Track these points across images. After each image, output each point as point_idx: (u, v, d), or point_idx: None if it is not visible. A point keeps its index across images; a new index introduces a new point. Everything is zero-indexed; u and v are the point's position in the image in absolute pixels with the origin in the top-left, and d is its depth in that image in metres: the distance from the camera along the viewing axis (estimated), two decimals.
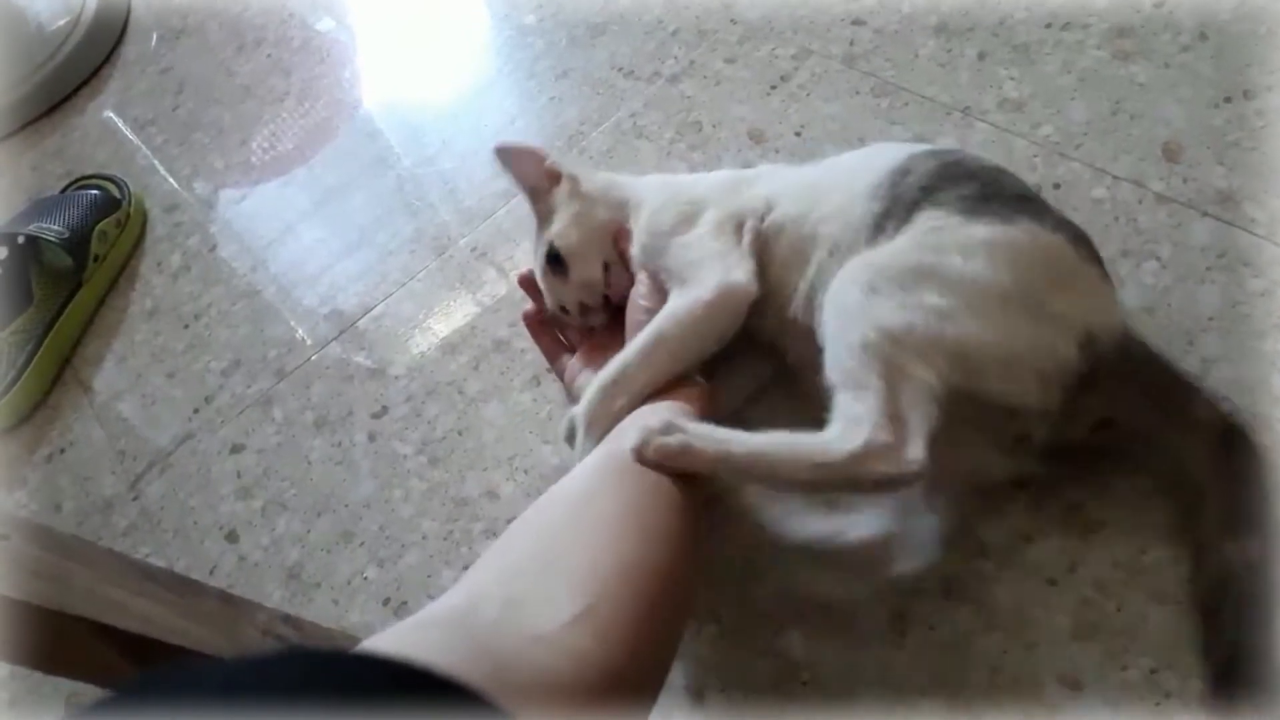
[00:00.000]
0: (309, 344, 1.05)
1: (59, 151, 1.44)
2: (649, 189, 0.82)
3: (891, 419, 0.57)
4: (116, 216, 1.22)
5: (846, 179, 0.72)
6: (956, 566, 0.68)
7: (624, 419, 0.68)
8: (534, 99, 1.19)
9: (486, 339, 0.96)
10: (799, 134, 1.00)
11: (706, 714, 0.67)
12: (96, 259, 1.18)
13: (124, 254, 1.23)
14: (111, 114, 1.48)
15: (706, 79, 1.10)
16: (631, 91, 1.13)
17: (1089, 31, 0.95)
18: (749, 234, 0.74)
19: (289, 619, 0.71)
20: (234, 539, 0.91)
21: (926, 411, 0.58)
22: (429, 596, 0.81)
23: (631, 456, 0.61)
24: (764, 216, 0.75)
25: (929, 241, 0.63)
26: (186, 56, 1.52)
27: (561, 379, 0.83)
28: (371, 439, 0.93)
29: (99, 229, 1.19)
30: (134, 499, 0.98)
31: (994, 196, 0.65)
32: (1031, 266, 0.61)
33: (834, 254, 0.69)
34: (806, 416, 0.61)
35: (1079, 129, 0.89)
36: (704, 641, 0.70)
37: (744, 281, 0.71)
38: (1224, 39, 0.89)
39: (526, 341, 0.92)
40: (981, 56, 0.98)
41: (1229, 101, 0.85)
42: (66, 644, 0.51)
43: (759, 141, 1.02)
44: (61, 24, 1.55)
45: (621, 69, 1.16)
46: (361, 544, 0.86)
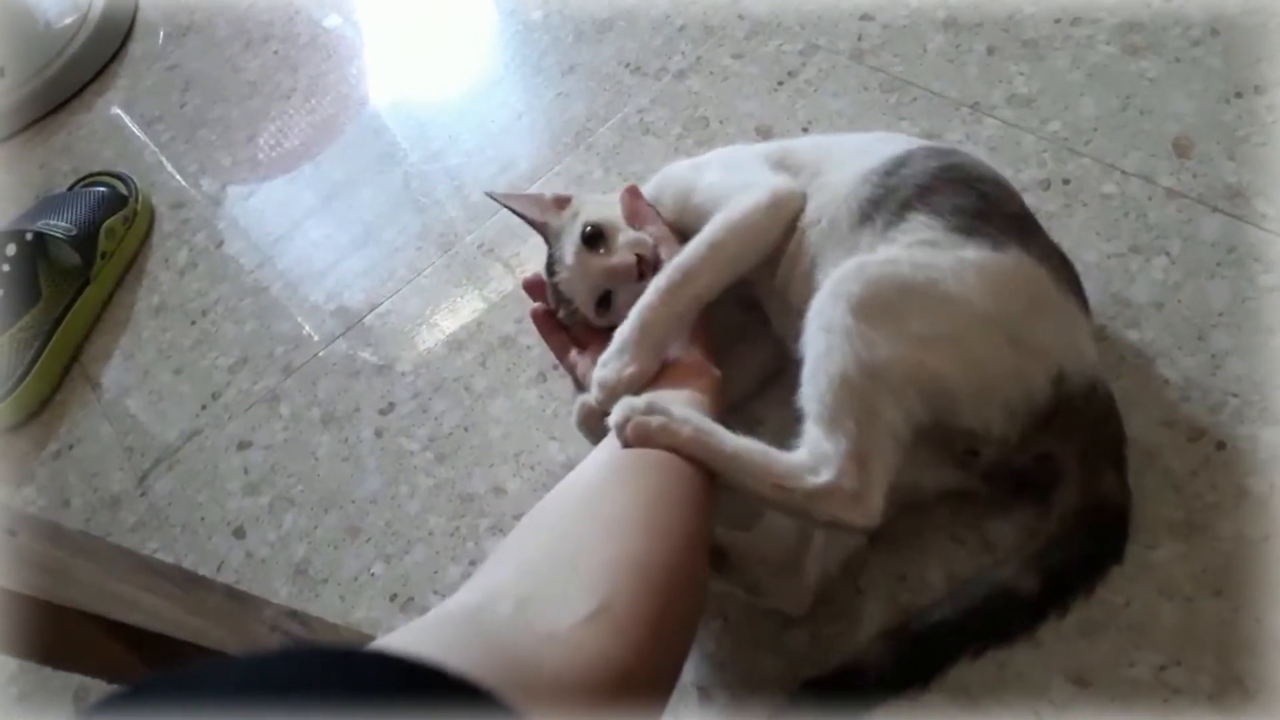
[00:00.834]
0: (316, 340, 1.05)
1: (66, 149, 1.45)
2: (655, 177, 0.83)
3: (858, 464, 0.58)
4: (124, 213, 1.22)
5: (852, 155, 0.73)
6: (963, 563, 0.67)
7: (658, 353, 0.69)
8: (540, 95, 1.19)
9: (493, 335, 0.96)
10: (806, 129, 1.00)
11: (712, 710, 0.67)
12: (104, 256, 1.18)
13: (131, 251, 1.23)
14: (119, 111, 1.48)
15: (714, 75, 1.10)
16: (638, 87, 1.13)
17: (1099, 27, 0.95)
18: (777, 165, 0.76)
19: (296, 614, 0.71)
20: (241, 535, 0.91)
21: (891, 462, 0.59)
22: (435, 592, 0.81)
23: (613, 431, 0.62)
24: (785, 156, 0.76)
25: (921, 258, 0.63)
26: (193, 53, 1.53)
27: (573, 374, 0.83)
28: (378, 435, 0.93)
29: (106, 226, 1.19)
30: (141, 495, 0.98)
31: (990, 214, 0.65)
32: (1015, 296, 0.62)
33: (815, 227, 0.70)
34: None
35: (1088, 124, 0.88)
36: (710, 638, 0.70)
37: (792, 186, 0.73)
38: (1235, 34, 0.89)
39: (533, 338, 0.92)
40: (990, 52, 0.98)
41: (1239, 97, 0.85)
42: (74, 639, 0.51)
43: (766, 137, 1.01)
44: (69, 21, 1.55)
45: (628, 65, 1.16)
46: (368, 540, 0.86)
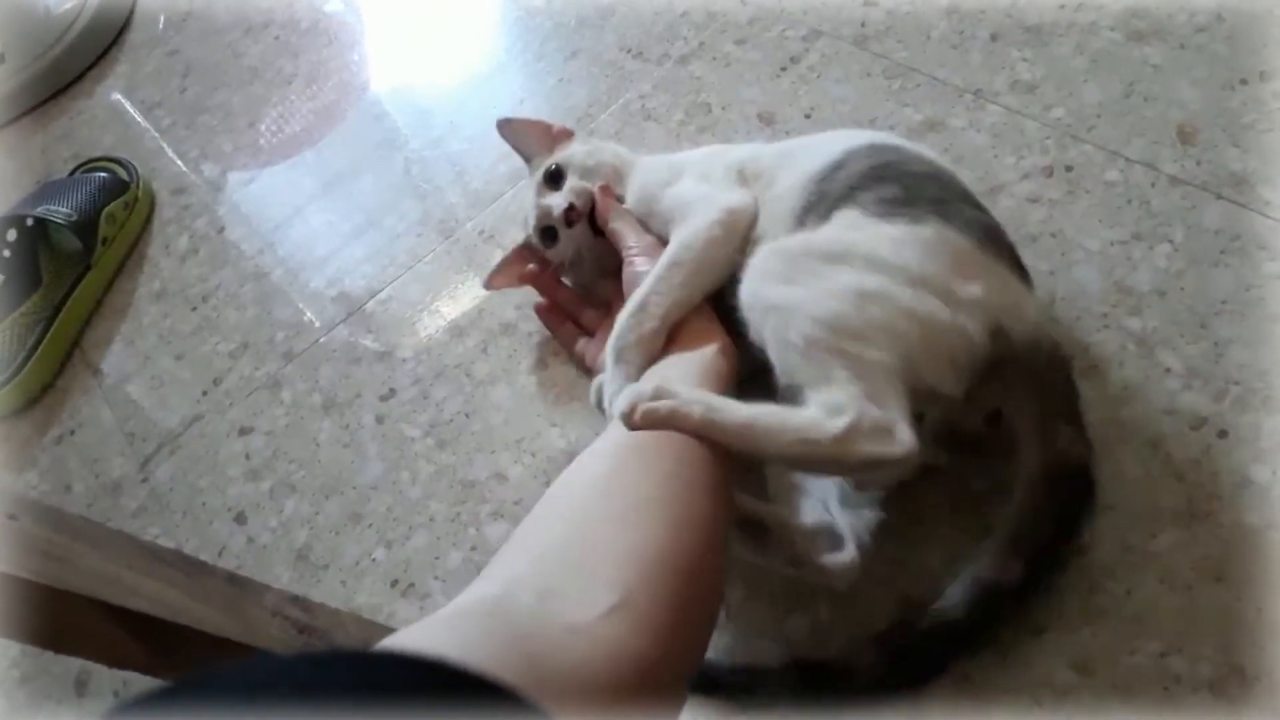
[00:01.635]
0: (317, 326, 1.05)
1: (67, 134, 1.44)
2: (639, 160, 0.85)
3: (872, 400, 0.58)
4: (125, 199, 1.22)
5: (802, 163, 0.73)
6: (964, 550, 0.67)
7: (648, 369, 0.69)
8: (542, 81, 1.18)
9: (494, 322, 0.96)
10: (809, 116, 1.00)
11: (720, 702, 0.67)
12: (105, 241, 1.18)
13: (132, 236, 1.23)
14: (119, 97, 1.48)
15: (716, 60, 1.10)
16: (640, 73, 1.13)
17: (1103, 12, 0.94)
18: (736, 174, 0.77)
19: (297, 600, 0.71)
20: (242, 520, 0.91)
21: (899, 391, 0.59)
22: (436, 578, 0.81)
23: (622, 420, 0.61)
24: (747, 164, 0.77)
25: (835, 234, 0.64)
26: (193, 39, 1.52)
27: (582, 364, 0.84)
28: (379, 421, 0.93)
29: (107, 211, 1.18)
30: (143, 480, 0.98)
31: (912, 200, 0.65)
32: (936, 257, 0.62)
33: (761, 240, 0.71)
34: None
35: (1092, 111, 0.88)
36: (716, 630, 0.70)
37: (746, 201, 0.73)
38: (1240, 20, 0.88)
39: (534, 325, 0.92)
40: (994, 38, 0.97)
41: (1244, 83, 0.84)
42: (75, 624, 0.51)
43: (769, 124, 1.01)
44: (69, 7, 1.55)
45: (630, 50, 1.16)
46: (369, 526, 0.86)
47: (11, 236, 1.13)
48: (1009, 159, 0.87)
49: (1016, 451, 0.63)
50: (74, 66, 1.53)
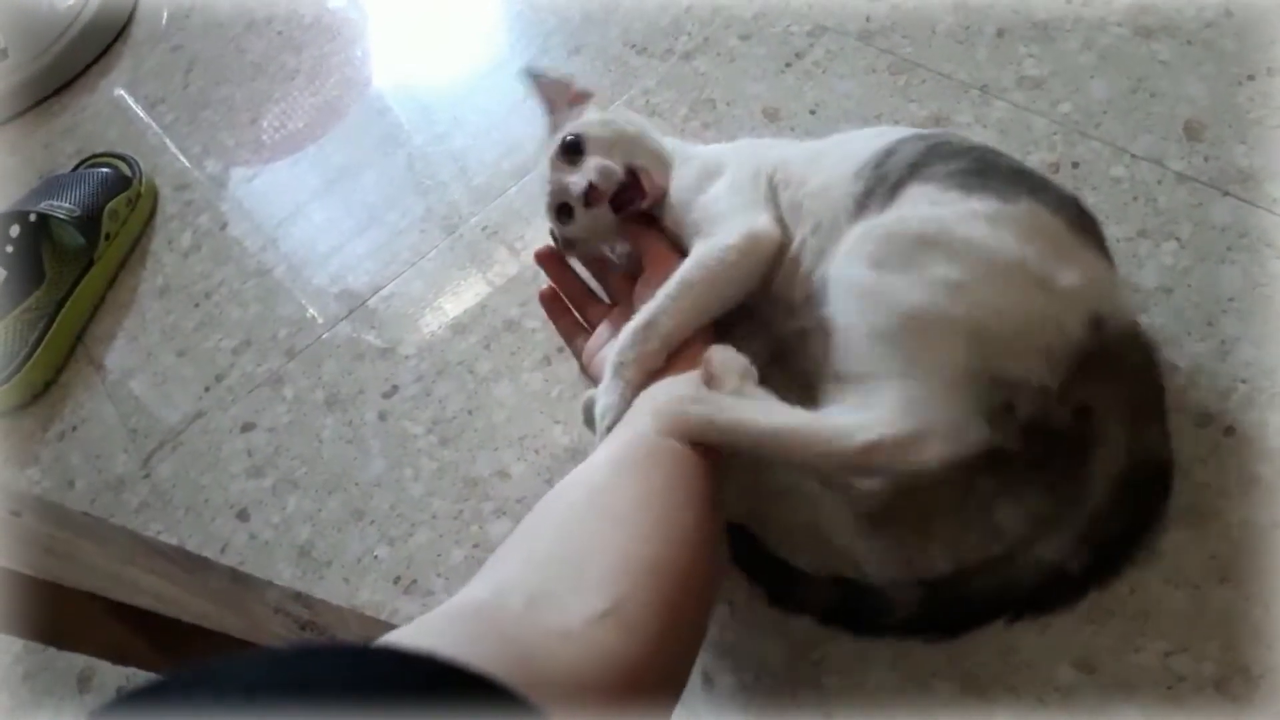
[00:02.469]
0: (320, 323, 1.04)
1: (70, 130, 1.44)
2: (676, 149, 0.82)
3: (911, 413, 0.57)
4: (128, 195, 1.22)
5: (841, 157, 0.71)
6: (970, 548, 0.67)
7: (641, 397, 0.68)
8: None
9: (497, 318, 0.96)
10: (814, 112, 0.99)
11: (716, 697, 0.67)
12: (108, 237, 1.18)
13: (135, 232, 1.23)
14: (122, 92, 1.47)
15: (720, 56, 1.09)
16: (645, 68, 1.12)
17: (1110, 8, 0.94)
18: (764, 181, 0.74)
19: (299, 597, 0.71)
20: (245, 517, 0.91)
21: (944, 400, 0.58)
22: (439, 575, 0.81)
23: (652, 439, 0.60)
24: (775, 171, 0.75)
25: (926, 212, 0.62)
26: (197, 34, 1.52)
27: (579, 359, 0.83)
28: (382, 418, 0.93)
29: (110, 207, 1.18)
30: (145, 477, 0.98)
31: (988, 173, 0.64)
32: (1033, 241, 0.60)
33: (815, 232, 0.70)
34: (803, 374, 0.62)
35: (1099, 107, 0.87)
36: (714, 623, 0.70)
37: (768, 228, 0.71)
38: (1249, 15, 0.88)
39: (537, 321, 0.92)
40: (1000, 33, 0.97)
41: (1252, 79, 0.84)
42: (78, 620, 0.51)
43: (773, 119, 1.00)
44: (72, 3, 1.55)
45: (635, 45, 1.15)
46: (372, 523, 0.86)
47: (14, 232, 1.13)
48: (1015, 155, 0.86)
49: (1099, 444, 0.60)
50: (77, 62, 1.53)
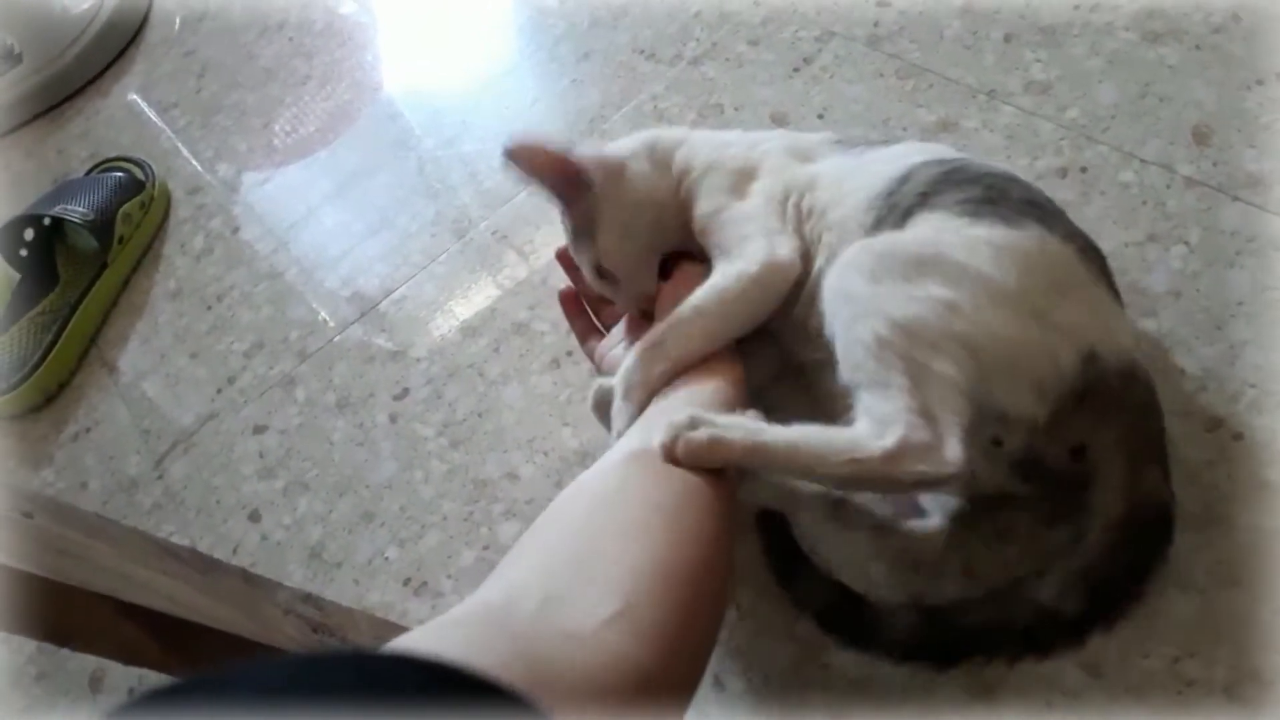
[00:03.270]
0: (331, 326, 1.05)
1: (84, 134, 1.45)
2: (700, 150, 0.77)
3: (924, 416, 0.57)
4: (141, 199, 1.23)
5: (859, 185, 0.70)
6: (976, 552, 0.67)
7: (655, 406, 0.68)
8: (555, 81, 1.18)
9: (507, 322, 0.96)
10: (822, 116, 1.00)
11: (726, 699, 0.67)
12: (121, 240, 1.18)
13: (148, 236, 1.23)
14: (136, 97, 1.49)
15: (729, 61, 1.10)
16: (653, 74, 1.13)
17: (1118, 13, 0.94)
18: (792, 209, 0.73)
19: (310, 598, 0.71)
20: (256, 518, 0.92)
21: (956, 406, 0.57)
22: (449, 577, 0.81)
23: (660, 454, 0.60)
24: (804, 195, 0.73)
25: (929, 236, 0.62)
26: (209, 40, 1.53)
27: (591, 359, 0.83)
28: (393, 420, 0.94)
29: (123, 211, 1.19)
30: (158, 478, 0.99)
31: (998, 200, 0.63)
32: (1035, 271, 0.60)
33: (830, 260, 0.68)
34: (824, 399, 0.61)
35: (1107, 112, 0.87)
36: (724, 626, 0.70)
37: (788, 258, 0.70)
38: (1257, 19, 0.88)
39: (546, 325, 0.92)
40: (1008, 38, 0.97)
41: (1261, 84, 0.84)
42: (90, 621, 0.52)
43: (781, 124, 1.01)
44: (86, 7, 1.56)
45: (643, 51, 1.16)
46: (382, 524, 0.87)
47: (29, 236, 1.14)
48: (1023, 160, 0.87)
49: (1096, 485, 0.60)
50: (91, 67, 1.54)
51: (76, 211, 1.16)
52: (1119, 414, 0.60)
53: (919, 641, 0.61)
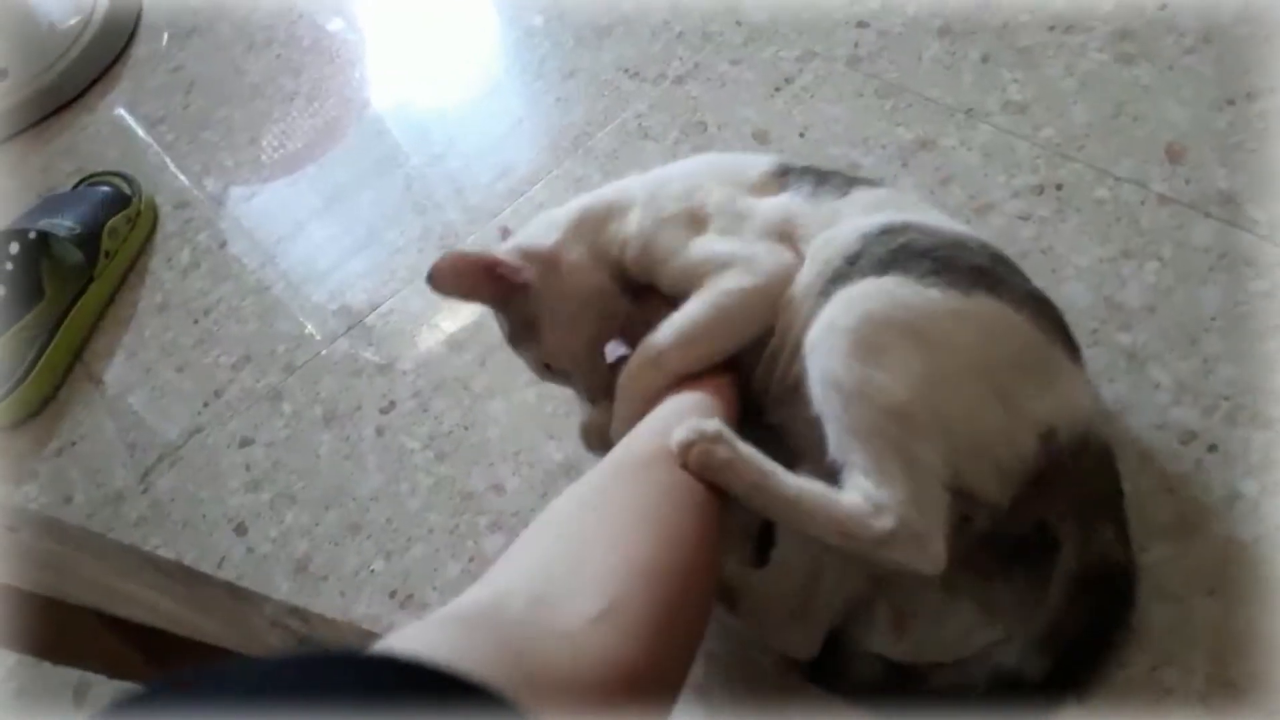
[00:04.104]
0: (318, 339, 1.05)
1: (70, 149, 1.45)
2: (631, 213, 0.75)
3: (917, 509, 0.57)
4: (127, 213, 1.23)
5: (815, 252, 0.69)
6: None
7: (651, 415, 0.68)
8: (540, 100, 1.20)
9: (492, 336, 0.97)
10: (803, 135, 1.01)
11: (710, 707, 0.68)
12: (107, 255, 1.19)
13: (134, 250, 1.24)
14: (123, 112, 1.49)
15: (711, 80, 1.11)
16: (637, 93, 1.14)
17: (1092, 35, 0.96)
18: (774, 230, 0.71)
19: (297, 610, 0.71)
20: (243, 531, 0.92)
21: (943, 504, 0.58)
22: (434, 589, 0.81)
23: (674, 449, 0.60)
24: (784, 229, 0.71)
25: (895, 290, 0.61)
26: (197, 55, 1.53)
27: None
28: (379, 433, 0.94)
29: (110, 225, 1.19)
30: (144, 491, 0.99)
31: (945, 269, 0.62)
32: (998, 345, 0.60)
33: (787, 332, 0.68)
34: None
35: (1081, 131, 0.89)
36: (707, 636, 0.70)
37: (789, 262, 0.69)
38: (1227, 42, 0.90)
39: None
40: (985, 59, 0.99)
41: (1231, 104, 0.86)
42: (75, 635, 0.52)
43: (763, 142, 1.02)
44: (73, 23, 1.56)
45: (627, 70, 1.17)
46: (369, 537, 0.87)
47: (14, 249, 1.14)
48: (1000, 178, 0.89)
49: (1059, 549, 0.61)
50: (78, 82, 1.54)
51: (63, 225, 1.16)
52: (1074, 484, 0.61)
53: (881, 689, 0.63)
